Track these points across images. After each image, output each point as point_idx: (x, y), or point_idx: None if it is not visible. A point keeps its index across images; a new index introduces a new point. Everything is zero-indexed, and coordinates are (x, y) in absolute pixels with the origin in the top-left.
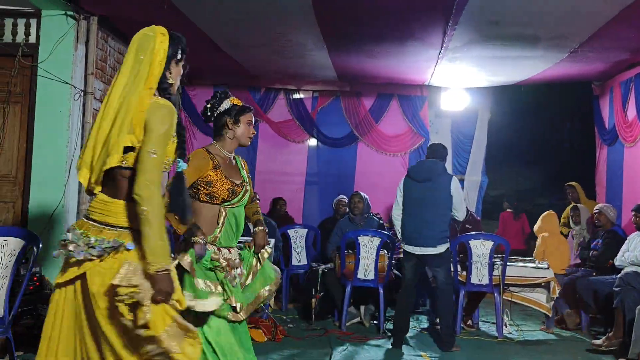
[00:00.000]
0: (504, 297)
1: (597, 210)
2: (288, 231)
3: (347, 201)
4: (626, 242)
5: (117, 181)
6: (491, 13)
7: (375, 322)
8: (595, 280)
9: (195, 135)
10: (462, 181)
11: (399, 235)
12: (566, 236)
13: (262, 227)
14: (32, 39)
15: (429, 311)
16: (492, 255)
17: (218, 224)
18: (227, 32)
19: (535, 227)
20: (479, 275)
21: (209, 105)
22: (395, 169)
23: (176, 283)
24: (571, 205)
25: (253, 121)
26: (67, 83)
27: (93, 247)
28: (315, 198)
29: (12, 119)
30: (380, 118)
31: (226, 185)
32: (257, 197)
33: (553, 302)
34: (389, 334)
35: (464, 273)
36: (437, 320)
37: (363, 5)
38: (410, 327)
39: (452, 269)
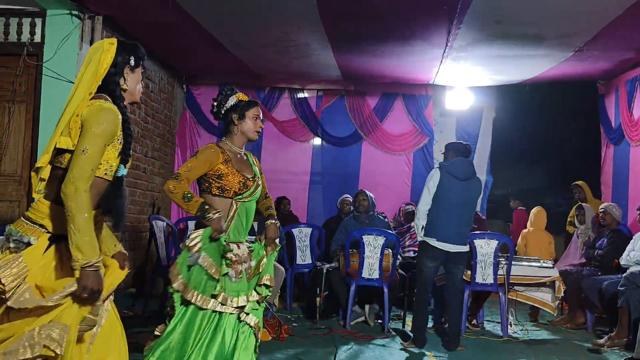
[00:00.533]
0: (509, 297)
1: (602, 210)
2: (292, 230)
3: (351, 200)
4: (632, 241)
5: (50, 182)
6: (495, 12)
7: (379, 321)
8: (601, 280)
9: (200, 134)
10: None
11: (419, 230)
12: (571, 235)
13: (274, 221)
14: (37, 38)
15: (433, 310)
16: (497, 255)
17: (227, 218)
18: (231, 32)
19: (528, 223)
20: (484, 275)
21: (215, 103)
22: (400, 168)
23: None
24: (576, 205)
25: (260, 115)
26: (71, 82)
27: (9, 239)
28: (319, 197)
29: (17, 118)
30: (385, 117)
31: (237, 178)
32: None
33: (558, 301)
34: (394, 333)
35: (469, 272)
36: (443, 319)
37: (367, 4)
38: None
39: None
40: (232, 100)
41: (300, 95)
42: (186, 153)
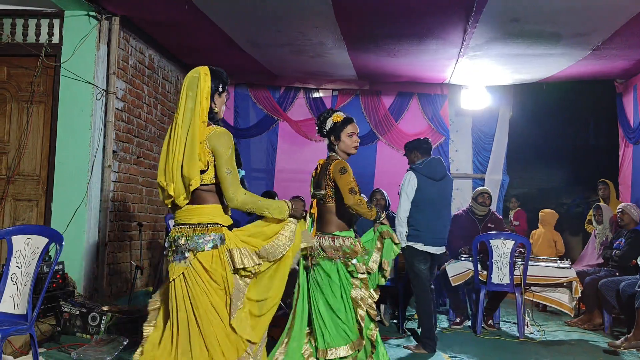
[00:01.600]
0: (526, 297)
1: (620, 210)
2: None
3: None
4: None
5: (199, 195)
6: (512, 11)
7: (395, 321)
8: (618, 280)
9: None
10: (482, 180)
11: (403, 237)
12: (590, 235)
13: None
14: (55, 39)
15: (448, 310)
16: (514, 255)
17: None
18: (247, 32)
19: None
20: (500, 275)
21: (316, 127)
22: None
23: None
24: (594, 205)
25: (355, 130)
26: (89, 83)
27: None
28: None
29: (36, 118)
30: (400, 117)
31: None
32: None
33: (575, 301)
34: (409, 333)
35: (485, 272)
36: (459, 319)
37: (382, 3)
38: None
39: None
40: (329, 124)
41: (316, 94)
42: None
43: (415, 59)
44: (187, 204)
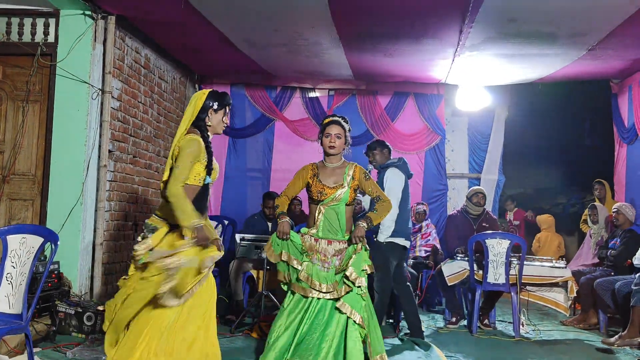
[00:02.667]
0: (521, 297)
1: (615, 210)
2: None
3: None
4: None
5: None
6: (508, 11)
7: (391, 320)
8: (614, 280)
9: None
10: (478, 179)
11: (390, 233)
12: (585, 235)
13: (362, 223)
14: (51, 38)
15: (444, 310)
16: (509, 255)
17: (316, 219)
18: (243, 31)
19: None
20: (496, 275)
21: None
22: (412, 168)
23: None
24: (589, 205)
25: (331, 131)
26: (85, 82)
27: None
28: None
29: (31, 117)
30: (397, 116)
31: (317, 187)
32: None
33: (571, 301)
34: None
35: (481, 272)
36: (454, 318)
37: (378, 3)
38: (426, 326)
39: None
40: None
41: (312, 94)
42: None
43: (412, 59)
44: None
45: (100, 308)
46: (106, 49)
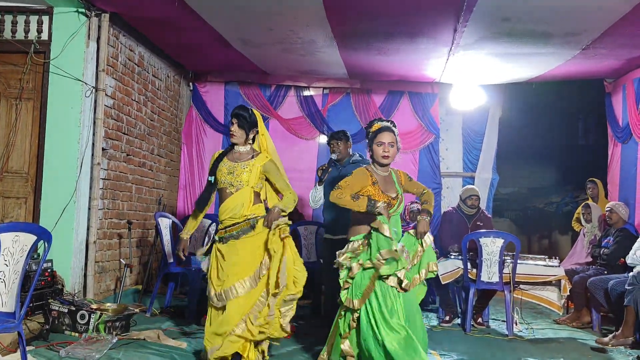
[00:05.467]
0: (515, 295)
1: (609, 208)
2: (298, 228)
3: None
4: (638, 240)
5: None
6: (502, 10)
7: None
8: (607, 279)
9: (206, 131)
10: (472, 178)
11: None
12: (578, 234)
13: (424, 216)
14: (44, 36)
15: (437, 308)
16: (503, 253)
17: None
18: (238, 29)
19: None
20: (489, 273)
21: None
22: (406, 166)
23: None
24: (583, 203)
25: (385, 140)
26: (78, 80)
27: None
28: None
29: (24, 115)
30: (391, 115)
31: (383, 199)
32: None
33: (564, 300)
34: None
35: (474, 271)
36: (447, 317)
37: (373, 2)
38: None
39: None
40: (369, 134)
41: (306, 93)
42: (192, 151)
43: (406, 58)
44: None
45: None
46: (100, 47)
